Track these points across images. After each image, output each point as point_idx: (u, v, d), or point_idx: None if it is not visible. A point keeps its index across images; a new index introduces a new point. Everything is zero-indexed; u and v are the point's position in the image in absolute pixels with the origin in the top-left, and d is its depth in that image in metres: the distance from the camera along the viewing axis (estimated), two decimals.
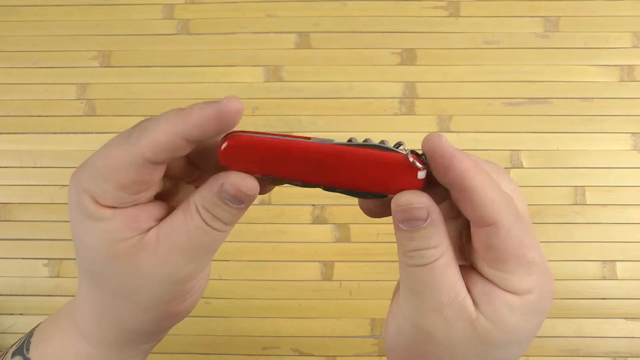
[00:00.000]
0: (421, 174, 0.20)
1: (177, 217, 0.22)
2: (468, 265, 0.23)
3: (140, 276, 0.21)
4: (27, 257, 0.52)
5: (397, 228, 0.21)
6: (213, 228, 0.22)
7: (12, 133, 0.55)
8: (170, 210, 0.22)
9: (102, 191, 0.21)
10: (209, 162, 0.23)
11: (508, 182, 0.23)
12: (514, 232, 0.21)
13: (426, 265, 0.21)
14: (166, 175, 0.22)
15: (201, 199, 0.21)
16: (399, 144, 0.21)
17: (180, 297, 0.23)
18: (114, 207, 0.21)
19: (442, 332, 0.21)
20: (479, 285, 0.21)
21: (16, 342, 0.26)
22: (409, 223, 0.21)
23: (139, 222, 0.21)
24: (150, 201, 0.22)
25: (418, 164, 0.20)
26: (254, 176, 0.21)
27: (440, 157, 0.20)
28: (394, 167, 0.20)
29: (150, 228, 0.22)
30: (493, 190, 0.20)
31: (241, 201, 0.21)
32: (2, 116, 0.55)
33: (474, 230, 0.21)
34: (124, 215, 0.21)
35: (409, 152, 0.20)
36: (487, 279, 0.21)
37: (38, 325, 0.26)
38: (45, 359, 0.24)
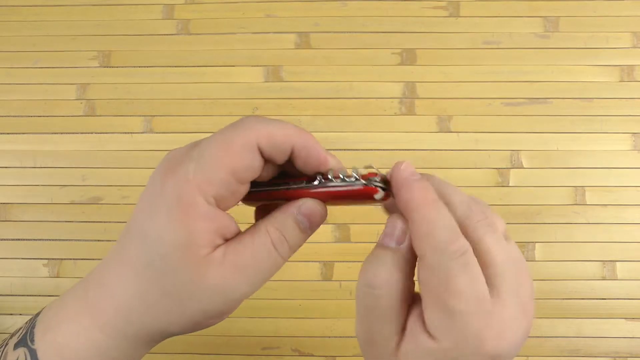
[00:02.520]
0: (377, 196, 0.23)
1: (246, 239, 0.23)
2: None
3: (201, 286, 0.22)
4: (27, 257, 0.52)
5: (377, 243, 0.24)
6: (278, 252, 0.23)
7: (12, 133, 0.55)
8: (236, 232, 0.23)
9: (212, 178, 0.21)
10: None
11: (483, 220, 0.23)
12: (440, 272, 0.21)
13: (374, 289, 0.22)
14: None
15: (274, 221, 0.23)
16: (369, 167, 0.24)
17: (222, 314, 0.24)
18: (210, 205, 0.22)
19: (375, 349, 0.23)
20: (412, 318, 0.22)
21: (15, 333, 0.25)
22: (386, 239, 0.23)
23: (220, 231, 0.22)
24: (226, 215, 0.23)
25: (380, 192, 0.23)
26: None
27: (394, 186, 0.23)
28: (359, 195, 0.24)
29: (219, 245, 0.22)
30: (431, 224, 0.21)
31: (312, 224, 0.24)
32: (2, 116, 0.55)
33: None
34: (213, 221, 0.22)
35: (371, 181, 0.24)
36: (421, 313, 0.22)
37: (38, 314, 0.25)
38: (55, 348, 0.23)
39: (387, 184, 0.24)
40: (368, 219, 0.52)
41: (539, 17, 0.56)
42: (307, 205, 0.23)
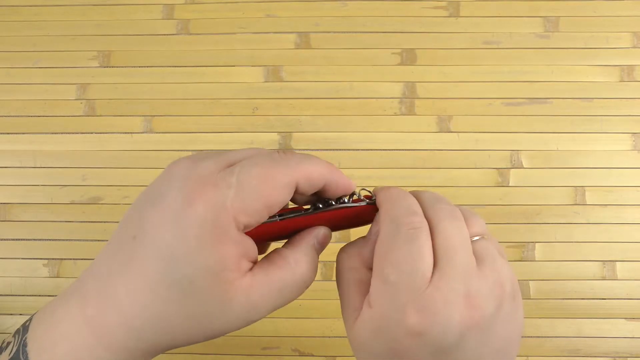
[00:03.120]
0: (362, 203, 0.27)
1: (272, 266, 0.24)
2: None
3: (228, 311, 0.22)
4: (27, 257, 0.52)
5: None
6: (303, 279, 0.25)
7: (12, 133, 0.55)
8: (256, 254, 0.24)
9: (250, 210, 0.22)
10: None
11: (451, 213, 0.25)
12: (387, 242, 0.23)
13: (337, 273, 0.27)
14: None
15: (299, 252, 0.25)
16: (352, 194, 0.27)
17: (230, 331, 0.24)
18: (241, 232, 0.22)
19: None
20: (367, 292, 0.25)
21: (4, 348, 0.23)
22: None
23: (247, 256, 0.23)
24: (248, 238, 0.23)
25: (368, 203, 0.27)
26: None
27: (376, 193, 0.27)
28: (362, 213, 0.27)
29: (247, 270, 0.23)
30: (393, 203, 0.24)
31: (322, 247, 0.26)
32: (2, 116, 0.55)
33: None
34: (242, 247, 0.22)
35: (361, 198, 0.27)
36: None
37: (27, 330, 0.23)
38: (48, 355, 0.22)
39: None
40: None
41: (539, 17, 0.56)
42: (322, 233, 0.26)
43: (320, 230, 0.26)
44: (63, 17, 0.57)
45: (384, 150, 0.53)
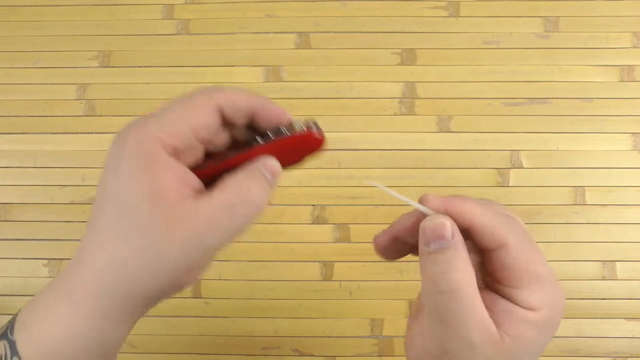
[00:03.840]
0: (319, 137, 0.26)
1: (216, 191, 0.23)
2: (483, 288, 0.24)
3: (170, 236, 0.22)
4: (27, 257, 0.52)
5: (421, 254, 0.23)
6: (251, 199, 0.23)
7: (12, 133, 0.55)
8: (200, 186, 0.24)
9: (174, 130, 0.23)
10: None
11: (501, 207, 0.25)
12: (522, 249, 0.23)
13: (452, 292, 0.22)
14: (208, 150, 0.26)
15: (242, 175, 0.24)
16: (291, 126, 0.26)
17: (194, 269, 0.23)
18: (171, 156, 0.23)
19: (469, 354, 0.22)
20: (500, 305, 0.23)
21: None
22: (434, 243, 0.22)
23: (184, 181, 0.23)
24: (191, 173, 0.24)
25: (315, 134, 0.26)
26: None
27: (439, 208, 0.23)
28: (302, 142, 0.26)
29: (189, 196, 0.23)
30: (493, 216, 0.23)
31: (274, 180, 0.25)
32: (2, 116, 0.55)
33: (487, 256, 0.23)
34: (175, 170, 0.23)
35: (306, 126, 0.26)
36: (504, 297, 0.23)
37: (20, 310, 0.25)
38: (33, 337, 0.23)
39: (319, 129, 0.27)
40: (368, 219, 0.52)
41: (539, 17, 0.56)
42: (270, 162, 0.25)
43: (267, 158, 0.25)
44: (63, 17, 0.57)
45: (384, 150, 0.53)
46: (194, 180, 0.24)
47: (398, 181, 0.53)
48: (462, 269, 0.22)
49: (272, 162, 0.25)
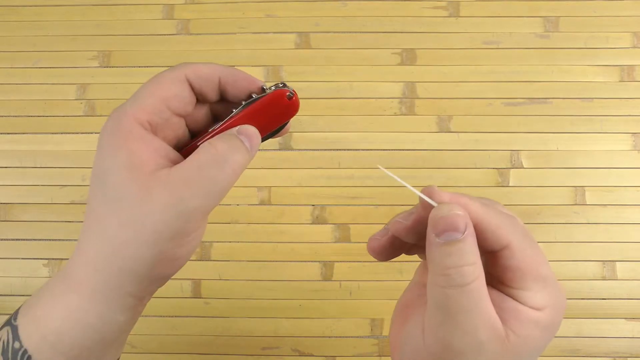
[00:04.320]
0: (288, 95, 0.26)
1: (191, 156, 0.24)
2: (488, 284, 0.24)
3: (149, 203, 0.22)
4: (27, 257, 0.52)
5: (432, 245, 0.21)
6: (227, 162, 0.23)
7: (12, 133, 0.55)
8: (179, 159, 0.25)
9: (145, 104, 0.24)
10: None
11: (502, 207, 0.25)
12: (526, 250, 0.23)
13: (465, 286, 0.21)
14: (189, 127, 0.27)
15: (217, 138, 0.24)
16: (263, 91, 0.27)
17: (179, 237, 0.23)
18: (150, 131, 0.24)
19: (474, 352, 0.21)
20: (507, 302, 0.22)
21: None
22: (447, 234, 0.21)
23: (160, 153, 0.24)
24: (172, 149, 0.25)
25: (285, 92, 0.26)
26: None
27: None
28: (273, 101, 0.26)
29: (166, 166, 0.23)
30: (497, 217, 0.22)
31: (252, 145, 0.25)
32: (2, 116, 0.55)
33: (489, 256, 0.23)
34: (150, 143, 0.23)
35: (276, 87, 0.26)
36: (510, 297, 0.23)
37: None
38: (34, 321, 0.23)
39: (293, 92, 0.27)
40: (368, 219, 0.52)
41: (539, 17, 0.56)
42: (244, 127, 0.25)
43: (241, 125, 0.26)
44: (63, 17, 0.57)
45: (384, 150, 0.53)
46: (173, 154, 0.25)
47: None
48: (474, 262, 0.21)
49: (246, 127, 0.25)
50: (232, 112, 0.26)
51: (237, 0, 0.57)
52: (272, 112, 0.26)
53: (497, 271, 0.23)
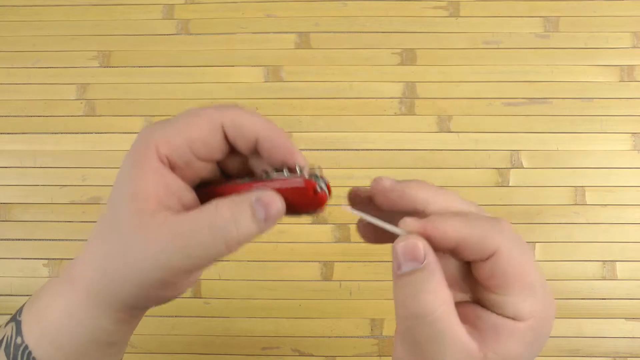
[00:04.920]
0: (318, 189, 0.23)
1: (194, 210, 0.22)
2: (469, 301, 0.23)
3: (139, 244, 0.21)
4: (27, 257, 0.52)
5: (394, 276, 0.21)
6: (222, 233, 0.21)
7: (12, 133, 0.55)
8: (193, 202, 0.24)
9: (170, 139, 0.22)
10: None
11: (486, 213, 0.23)
12: (514, 256, 0.21)
13: (427, 316, 0.20)
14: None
15: (230, 203, 0.22)
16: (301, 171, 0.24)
17: (162, 284, 0.22)
18: (166, 166, 0.23)
19: None
20: (484, 319, 0.21)
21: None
22: (406, 265, 0.21)
23: (171, 190, 0.22)
24: (189, 189, 0.24)
25: (319, 189, 0.23)
26: None
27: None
28: (299, 191, 0.23)
29: (170, 208, 0.22)
30: (476, 228, 0.21)
31: (268, 216, 0.22)
32: (2, 116, 0.55)
33: (474, 265, 0.22)
34: (163, 178, 0.22)
35: (310, 176, 0.23)
36: (490, 310, 0.22)
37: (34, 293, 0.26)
38: (36, 318, 0.24)
39: (328, 188, 0.23)
40: None
41: (539, 17, 0.56)
42: (268, 194, 0.22)
43: (266, 191, 0.22)
44: (63, 17, 0.57)
45: (384, 150, 0.53)
46: (186, 195, 0.23)
47: None
48: (435, 290, 0.20)
49: (270, 195, 0.22)
50: (261, 175, 0.23)
51: (237, 0, 0.57)
52: (297, 197, 0.23)
53: (482, 278, 0.22)
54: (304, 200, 0.23)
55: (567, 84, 0.54)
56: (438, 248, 0.21)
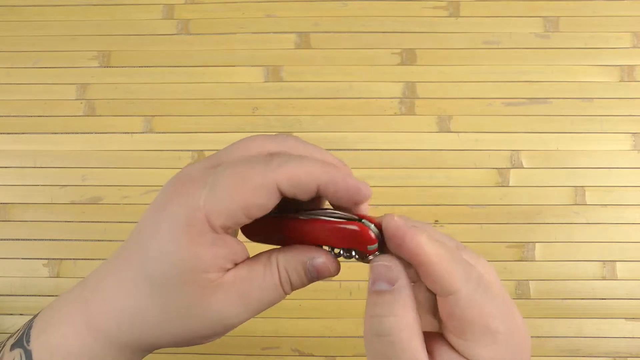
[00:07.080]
0: (371, 234, 0.23)
1: (257, 269, 0.23)
2: (439, 333, 0.23)
3: (204, 310, 0.22)
4: (27, 257, 0.52)
5: (368, 292, 0.22)
6: (283, 289, 0.24)
7: (12, 133, 0.55)
8: (245, 257, 0.24)
9: (222, 208, 0.21)
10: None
11: (470, 254, 0.23)
12: (475, 301, 0.21)
13: (386, 337, 0.21)
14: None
15: (285, 261, 0.23)
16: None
17: (217, 336, 0.24)
18: (218, 233, 0.22)
19: None
20: (445, 356, 0.21)
21: (13, 334, 0.25)
22: (377, 284, 0.22)
23: (226, 259, 0.22)
24: (235, 240, 0.23)
25: (373, 235, 0.22)
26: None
27: (393, 237, 0.21)
28: (352, 234, 0.23)
29: (229, 269, 0.23)
30: (449, 261, 0.21)
31: (320, 276, 0.24)
32: (2, 116, 0.55)
33: (438, 300, 0.22)
34: (220, 248, 0.22)
35: (362, 221, 0.23)
36: (453, 348, 0.21)
37: (36, 316, 0.25)
38: (48, 350, 0.23)
39: (380, 232, 0.23)
40: None
41: (539, 17, 0.56)
42: (321, 260, 0.23)
43: (320, 256, 0.23)
44: (63, 17, 0.57)
45: (383, 150, 0.53)
46: (239, 253, 0.23)
47: (398, 181, 0.53)
48: (399, 314, 0.21)
49: (324, 262, 0.23)
50: (320, 214, 0.23)
51: (237, 0, 0.57)
52: (343, 236, 0.23)
53: (443, 316, 0.22)
54: (355, 241, 0.23)
55: (567, 84, 0.54)
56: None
